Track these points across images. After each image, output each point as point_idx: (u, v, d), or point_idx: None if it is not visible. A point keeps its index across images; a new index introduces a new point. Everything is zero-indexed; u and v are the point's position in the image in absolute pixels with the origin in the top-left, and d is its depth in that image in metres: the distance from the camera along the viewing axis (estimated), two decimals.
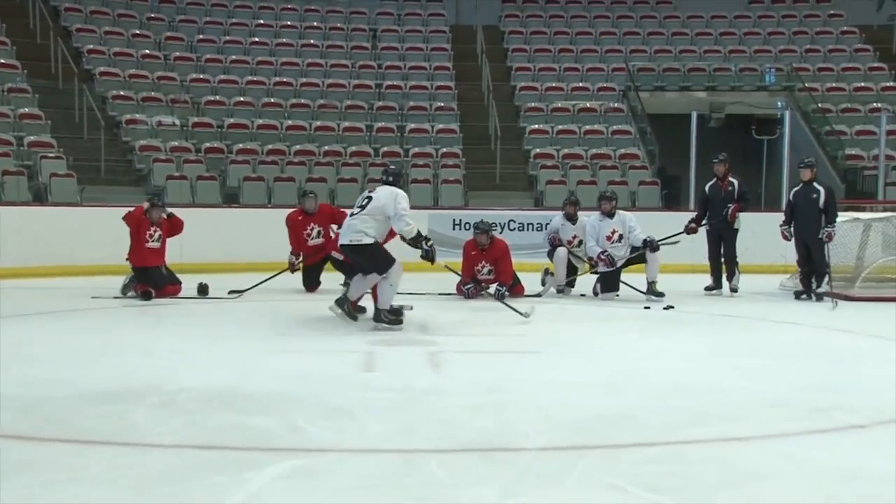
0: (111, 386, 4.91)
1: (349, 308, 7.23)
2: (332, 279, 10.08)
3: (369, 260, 7.23)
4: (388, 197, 7.28)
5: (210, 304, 8.80)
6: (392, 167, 8.03)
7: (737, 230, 10.11)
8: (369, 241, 7.18)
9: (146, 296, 8.92)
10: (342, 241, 7.40)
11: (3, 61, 15.69)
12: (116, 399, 4.60)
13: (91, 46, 17.13)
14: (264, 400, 4.63)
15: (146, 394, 4.70)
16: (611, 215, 9.67)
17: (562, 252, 9.86)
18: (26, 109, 14.87)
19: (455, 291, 9.46)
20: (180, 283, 9.37)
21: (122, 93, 16.15)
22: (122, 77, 16.60)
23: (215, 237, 12.21)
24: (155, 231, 9.29)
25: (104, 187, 14.09)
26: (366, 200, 7.31)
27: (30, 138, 14.27)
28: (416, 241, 7.36)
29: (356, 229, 7.20)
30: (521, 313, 7.72)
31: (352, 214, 7.37)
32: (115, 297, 9.05)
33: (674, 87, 18.74)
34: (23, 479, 3.31)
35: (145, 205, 9.44)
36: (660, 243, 9.48)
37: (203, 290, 9.35)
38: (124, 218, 9.30)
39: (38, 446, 3.78)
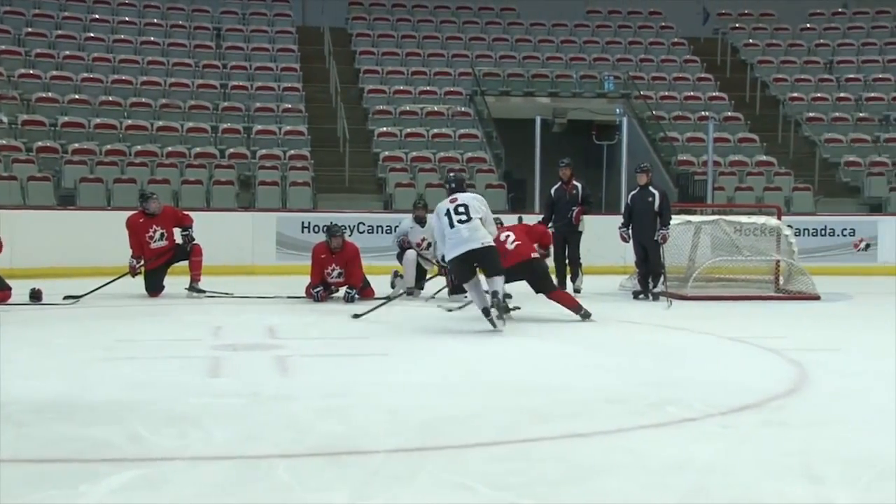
0: None
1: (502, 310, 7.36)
2: (176, 283, 9.81)
3: (497, 261, 7.51)
4: (479, 201, 7.64)
5: (43, 311, 8.38)
6: (452, 174, 8.44)
7: (581, 232, 10.49)
8: (492, 243, 7.50)
9: None
10: (472, 245, 7.38)
11: None
12: None
13: None
14: (103, 409, 4.45)
15: None
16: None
17: (411, 255, 9.93)
18: None
19: (304, 294, 9.38)
20: (10, 288, 8.87)
21: None
22: None
23: (49, 240, 11.63)
24: None
25: None
26: (461, 207, 7.46)
27: None
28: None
29: (481, 233, 7.42)
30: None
31: (453, 224, 7.43)
32: None
33: (518, 92, 19.19)
34: None
35: None
36: None
37: (36, 296, 8.88)
38: None
39: None
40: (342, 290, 9.38)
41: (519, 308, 8.88)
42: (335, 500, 3.19)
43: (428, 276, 10.11)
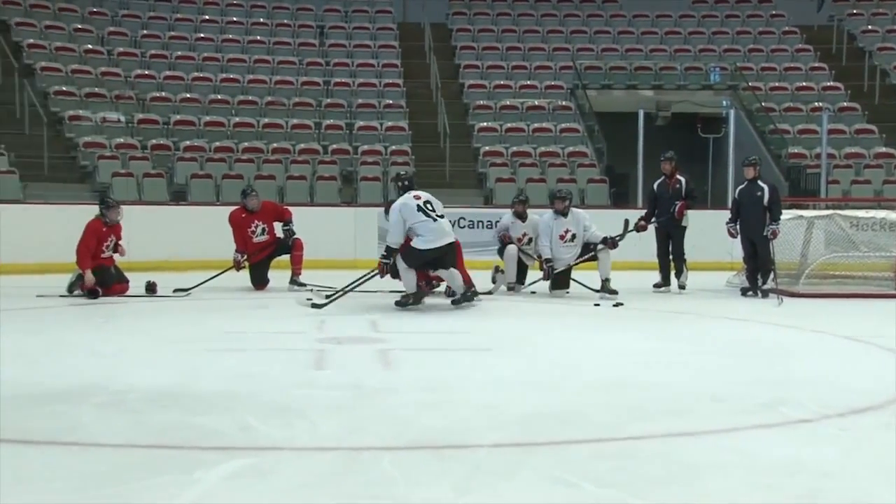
0: (56, 385, 4.81)
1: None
2: (280, 277, 10.02)
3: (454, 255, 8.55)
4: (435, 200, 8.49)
5: (157, 303, 8.68)
6: (404, 172, 9.13)
7: (684, 227, 10.25)
8: None
9: (93, 294, 8.76)
10: (448, 240, 8.33)
11: None
12: (61, 399, 4.52)
13: (32, 41, 16.77)
14: (213, 399, 4.57)
15: (92, 393, 4.62)
16: (564, 214, 9.71)
17: (512, 250, 9.89)
18: None
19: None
20: (128, 281, 9.23)
21: (64, 88, 15.84)
22: (65, 72, 16.28)
23: (163, 235, 12.05)
24: (111, 241, 9.11)
25: (47, 184, 13.83)
26: (429, 204, 8.35)
27: None
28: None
29: (450, 230, 8.48)
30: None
31: (435, 219, 8.27)
32: (62, 296, 8.88)
33: (621, 85, 18.93)
34: None
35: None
36: (619, 241, 9.61)
37: (150, 289, 9.22)
38: (85, 234, 9.01)
39: None
40: (443, 285, 9.40)
41: (623, 304, 8.78)
42: (438, 494, 3.19)
43: (534, 277, 10.06)
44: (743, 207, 9.83)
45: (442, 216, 8.37)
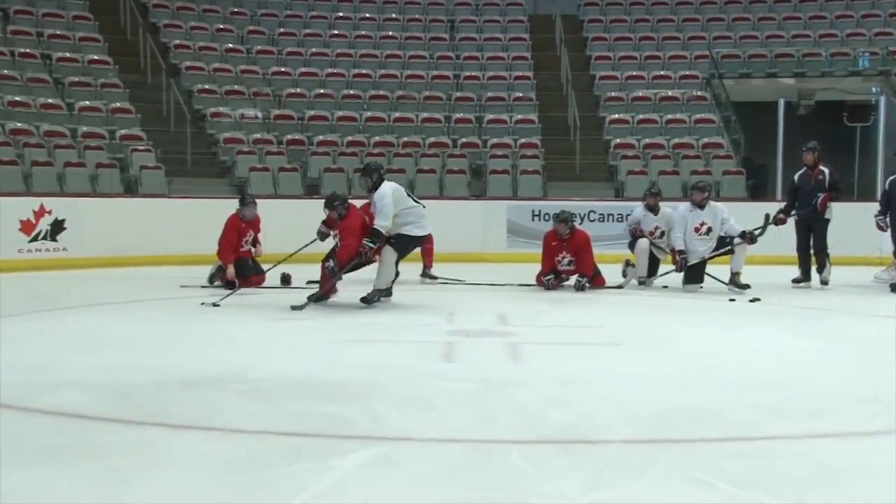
0: (197, 372, 5.03)
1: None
2: (411, 270, 10.15)
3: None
4: None
5: (292, 295, 8.93)
6: (376, 162, 8.89)
7: (828, 220, 9.80)
8: None
9: (231, 285, 9.11)
10: (429, 230, 8.34)
11: (95, 57, 16.15)
12: (201, 385, 4.72)
13: (178, 41, 17.52)
14: (345, 388, 4.68)
15: (230, 381, 4.80)
16: (701, 206, 9.48)
17: (643, 243, 9.71)
18: (118, 104, 15.29)
19: (535, 282, 9.41)
20: (264, 273, 9.55)
21: (206, 86, 16.49)
22: (207, 71, 16.94)
23: (296, 228, 12.35)
24: (249, 236, 9.46)
25: (190, 179, 14.43)
26: (408, 192, 8.33)
27: (121, 132, 14.68)
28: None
29: None
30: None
31: (424, 205, 8.28)
32: (202, 287, 9.27)
33: (760, 73, 18.26)
34: (116, 461, 3.41)
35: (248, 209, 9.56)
36: (758, 236, 9.31)
37: (286, 281, 9.51)
38: (226, 230, 9.39)
39: (130, 430, 3.89)
40: (573, 279, 9.33)
41: (759, 299, 8.50)
42: (567, 488, 3.16)
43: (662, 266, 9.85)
44: (894, 199, 9.35)
45: (423, 205, 8.30)
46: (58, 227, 11.44)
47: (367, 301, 7.96)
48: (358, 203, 8.68)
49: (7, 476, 3.20)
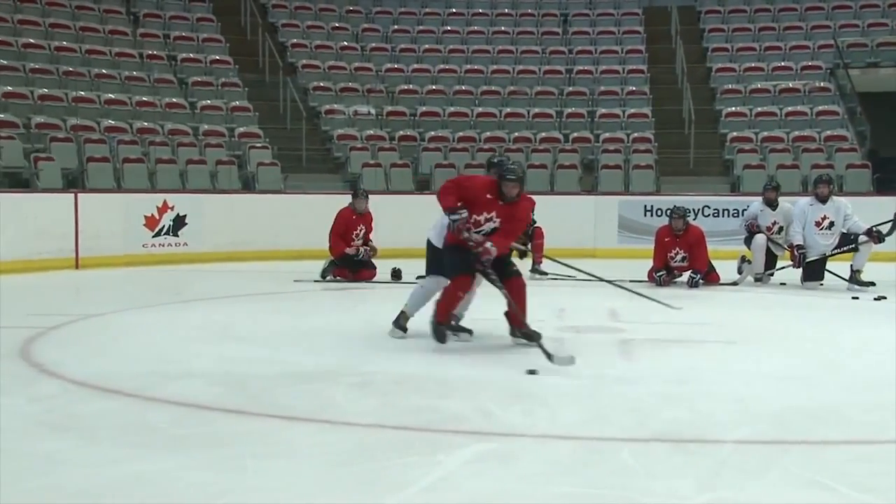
0: (310, 365, 5.15)
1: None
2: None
3: None
4: None
5: (402, 289, 9.01)
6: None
7: None
8: None
9: (344, 275, 9.25)
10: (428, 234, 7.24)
11: (217, 58, 16.68)
12: (315, 378, 4.82)
13: (295, 40, 17.93)
14: (456, 384, 4.71)
15: (342, 374, 4.89)
16: (824, 200, 9.14)
17: (760, 239, 9.42)
18: (237, 102, 15.77)
19: (646, 278, 9.25)
20: (375, 268, 9.68)
21: (322, 84, 16.83)
22: (323, 69, 17.28)
23: (407, 223, 12.48)
24: (360, 230, 9.60)
25: (305, 175, 14.74)
26: None
27: (240, 129, 15.13)
28: None
29: None
30: (671, 306, 7.15)
31: None
32: (315, 281, 9.47)
33: (889, 62, 17.46)
34: (235, 450, 3.52)
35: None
36: (886, 234, 8.92)
37: (396, 275, 9.61)
38: (335, 221, 9.60)
39: (247, 420, 4.01)
40: (686, 275, 9.14)
41: (885, 298, 8.16)
42: (680, 488, 3.10)
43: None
44: None
45: None
46: (179, 222, 11.87)
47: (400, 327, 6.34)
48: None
49: (132, 463, 3.35)
